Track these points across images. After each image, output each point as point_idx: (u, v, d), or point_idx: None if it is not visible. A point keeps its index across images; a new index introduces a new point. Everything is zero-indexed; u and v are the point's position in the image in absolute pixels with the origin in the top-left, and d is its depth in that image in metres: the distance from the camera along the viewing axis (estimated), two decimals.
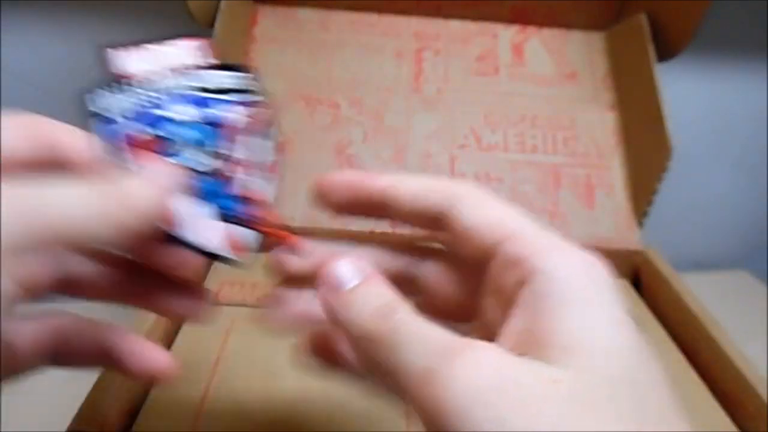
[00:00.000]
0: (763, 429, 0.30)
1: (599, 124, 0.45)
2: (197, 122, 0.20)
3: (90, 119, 0.19)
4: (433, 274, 0.22)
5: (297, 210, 0.41)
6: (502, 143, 0.44)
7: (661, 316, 0.38)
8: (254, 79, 0.21)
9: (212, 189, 0.20)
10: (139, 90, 0.19)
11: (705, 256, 0.68)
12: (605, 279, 0.17)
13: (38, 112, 0.55)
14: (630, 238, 0.42)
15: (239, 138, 0.21)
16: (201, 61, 0.20)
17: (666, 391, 0.16)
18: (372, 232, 0.40)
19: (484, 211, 0.20)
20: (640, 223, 0.42)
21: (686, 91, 0.58)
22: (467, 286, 0.21)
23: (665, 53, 0.43)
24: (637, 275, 0.42)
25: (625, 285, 0.42)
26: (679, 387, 0.16)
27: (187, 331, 0.33)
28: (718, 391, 0.32)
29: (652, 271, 0.40)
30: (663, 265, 0.40)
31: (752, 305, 0.58)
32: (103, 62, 0.20)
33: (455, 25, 0.48)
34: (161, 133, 0.19)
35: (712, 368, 0.33)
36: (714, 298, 0.39)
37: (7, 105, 0.59)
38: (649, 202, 0.41)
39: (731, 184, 0.65)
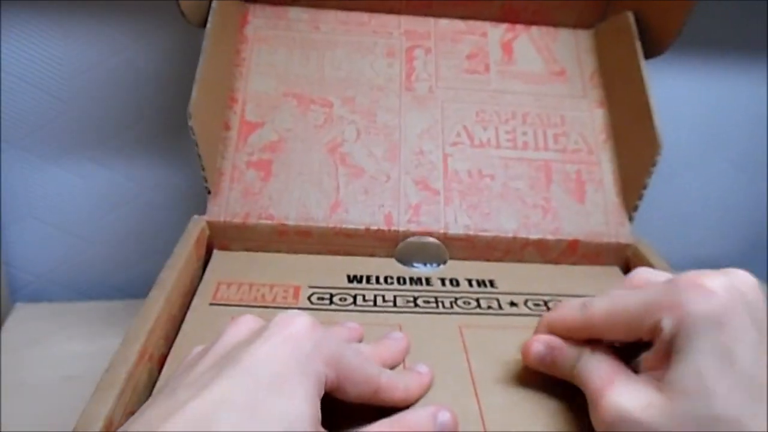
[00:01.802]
0: None
1: (588, 121, 0.46)
2: None
3: None
4: None
5: (291, 208, 0.41)
6: (494, 140, 0.45)
7: None
8: None
9: None
10: None
11: (705, 256, 0.68)
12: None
13: (38, 112, 0.55)
14: (621, 231, 0.43)
15: None
16: None
17: None
18: (367, 230, 0.41)
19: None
20: (631, 217, 0.43)
21: (686, 90, 0.58)
22: None
23: (652, 51, 0.44)
24: (629, 268, 0.43)
25: (616, 271, 0.43)
26: None
27: (186, 332, 0.33)
28: None
29: (643, 264, 0.41)
30: (654, 257, 0.40)
31: None
32: None
33: (445, 24, 0.49)
34: None
35: None
36: None
37: (7, 105, 0.59)
38: (639, 197, 0.42)
39: (731, 184, 0.65)
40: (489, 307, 0.37)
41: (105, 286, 0.57)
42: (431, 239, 0.41)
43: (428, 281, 0.39)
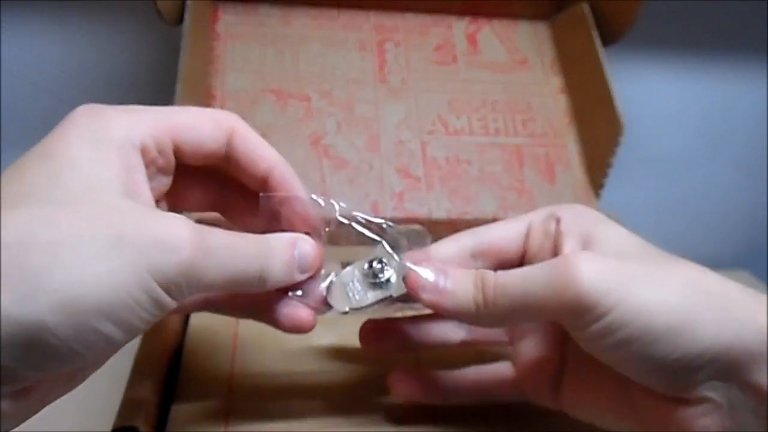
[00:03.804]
0: None
1: (552, 107, 0.49)
2: None
3: None
4: None
5: None
6: (467, 128, 0.47)
7: None
8: None
9: None
10: None
11: (705, 256, 0.67)
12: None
13: (38, 112, 0.53)
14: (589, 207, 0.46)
15: None
16: None
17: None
18: None
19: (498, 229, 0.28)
20: (597, 194, 0.46)
21: (686, 91, 0.60)
22: None
23: (608, 38, 0.47)
24: None
25: None
26: None
27: (193, 324, 0.33)
28: None
29: None
30: None
31: None
32: None
33: (412, 18, 0.51)
34: None
35: None
36: None
37: (7, 105, 0.56)
38: (605, 175, 0.45)
39: (731, 184, 0.65)
40: None
41: None
42: (415, 226, 0.43)
43: None
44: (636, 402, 0.24)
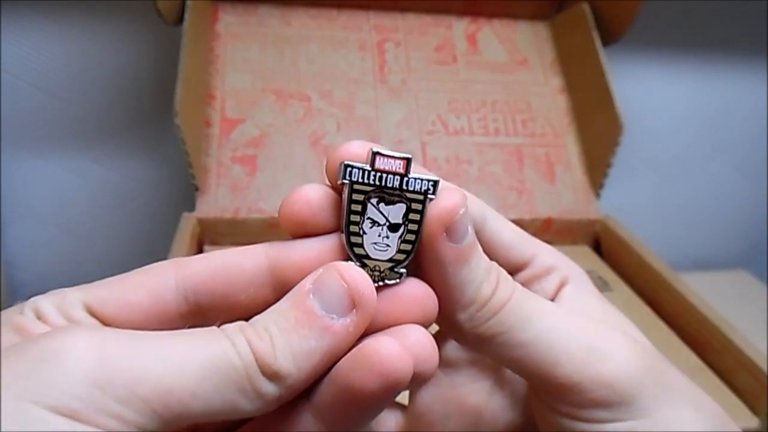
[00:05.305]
0: (723, 363, 0.34)
1: (552, 107, 0.49)
2: None
3: None
4: None
5: (279, 201, 0.42)
6: (467, 128, 0.47)
7: (624, 275, 0.43)
8: None
9: None
10: None
11: (705, 256, 0.68)
12: None
13: (38, 112, 0.53)
14: (589, 208, 0.46)
15: None
16: None
17: None
18: None
19: (511, 228, 0.21)
20: (597, 194, 0.46)
21: (687, 92, 0.60)
22: None
23: (608, 38, 0.47)
24: (597, 241, 0.46)
25: (587, 251, 0.46)
26: (648, 336, 0.19)
27: None
28: (685, 334, 0.37)
29: (611, 236, 0.44)
30: (621, 229, 0.44)
31: (752, 305, 0.58)
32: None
33: (412, 18, 0.51)
34: None
35: (677, 315, 0.38)
36: (714, 297, 0.38)
37: (7, 105, 0.56)
38: (605, 175, 0.45)
39: (731, 185, 0.66)
40: None
41: None
42: None
43: None
44: None
